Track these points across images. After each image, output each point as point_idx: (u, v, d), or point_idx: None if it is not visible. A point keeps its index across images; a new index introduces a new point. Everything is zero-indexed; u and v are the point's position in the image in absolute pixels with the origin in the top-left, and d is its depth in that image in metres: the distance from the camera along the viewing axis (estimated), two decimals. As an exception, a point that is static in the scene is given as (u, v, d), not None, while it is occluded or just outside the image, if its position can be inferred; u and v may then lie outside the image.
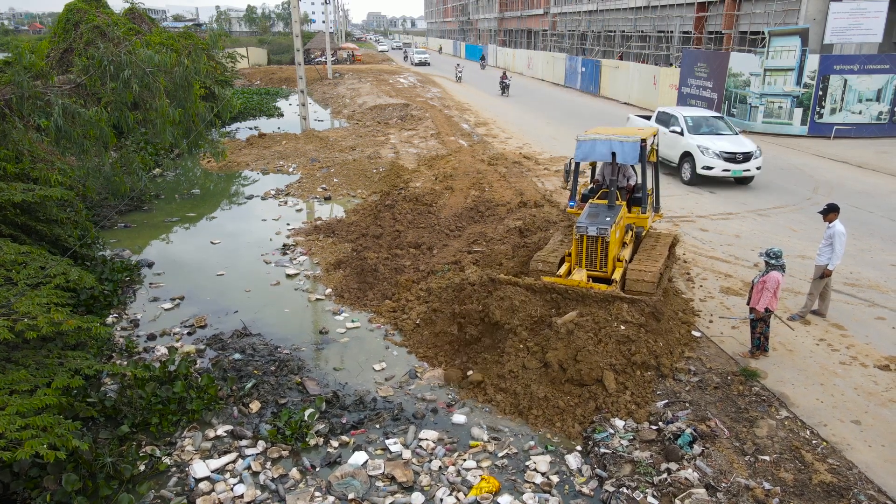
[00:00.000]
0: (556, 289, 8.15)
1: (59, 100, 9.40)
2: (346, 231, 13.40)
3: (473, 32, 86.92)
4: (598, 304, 7.91)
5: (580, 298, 8.02)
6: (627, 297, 7.96)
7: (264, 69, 56.50)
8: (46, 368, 5.96)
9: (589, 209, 9.11)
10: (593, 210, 9.05)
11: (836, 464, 6.02)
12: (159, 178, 19.08)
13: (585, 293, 8.02)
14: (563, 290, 8.12)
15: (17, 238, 8.95)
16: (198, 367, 8.12)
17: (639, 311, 7.80)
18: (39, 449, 4.72)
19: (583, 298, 8.01)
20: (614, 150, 9.10)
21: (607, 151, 9.15)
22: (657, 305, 7.92)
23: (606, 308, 7.87)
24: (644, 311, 7.82)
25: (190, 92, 11.29)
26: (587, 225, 8.55)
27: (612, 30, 42.39)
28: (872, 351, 8.05)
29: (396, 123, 27.59)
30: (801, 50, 21.52)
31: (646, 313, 7.81)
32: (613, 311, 7.80)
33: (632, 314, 7.74)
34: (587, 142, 9.34)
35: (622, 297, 7.92)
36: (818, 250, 8.74)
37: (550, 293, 8.17)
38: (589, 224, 8.56)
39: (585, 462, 6.38)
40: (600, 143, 9.21)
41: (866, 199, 14.63)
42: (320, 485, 6.04)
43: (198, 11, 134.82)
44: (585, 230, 8.53)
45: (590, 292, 8.03)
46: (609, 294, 7.99)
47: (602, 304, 7.91)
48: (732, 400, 7.09)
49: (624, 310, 7.78)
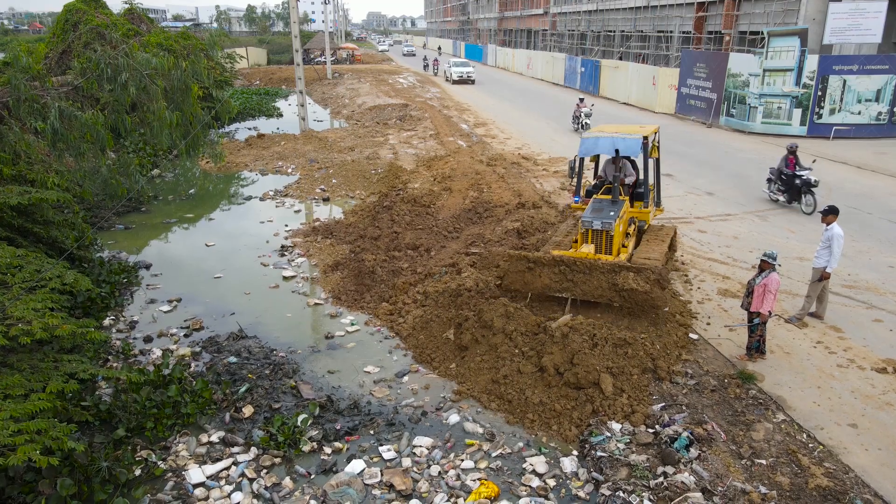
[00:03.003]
0: (565, 261, 8.35)
1: (55, 102, 9.39)
2: (344, 232, 13.39)
3: (473, 32, 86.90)
4: (605, 275, 8.15)
5: (588, 269, 8.22)
6: (633, 266, 8.17)
7: (264, 69, 56.46)
8: (41, 372, 5.94)
9: (593, 204, 9.39)
10: (598, 205, 9.32)
11: (832, 468, 6.01)
12: (157, 179, 19.06)
13: (593, 264, 8.24)
14: (572, 262, 8.31)
15: (14, 241, 8.93)
16: (192, 370, 8.11)
17: (644, 279, 7.95)
18: (32, 454, 4.71)
19: (590, 269, 8.22)
20: (617, 146, 9.43)
21: (611, 146, 9.50)
22: (662, 272, 8.11)
23: (611, 278, 8.11)
24: (650, 278, 7.96)
25: (188, 94, 11.31)
26: (592, 219, 8.86)
27: (612, 30, 42.35)
28: (870, 354, 8.04)
29: (395, 124, 27.57)
30: (800, 50, 21.49)
31: (651, 280, 7.95)
32: (619, 280, 8.00)
33: (637, 282, 7.91)
34: (591, 139, 9.69)
35: (628, 267, 8.14)
36: (816, 252, 8.73)
37: (559, 265, 8.37)
38: (594, 218, 8.86)
39: (582, 465, 6.36)
40: (603, 139, 9.58)
41: (865, 201, 14.61)
42: (315, 493, 6.00)
43: (197, 11, 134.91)
44: (591, 224, 8.84)
45: (597, 263, 8.26)
46: (615, 263, 8.22)
47: (608, 274, 8.14)
48: (729, 403, 7.08)
49: (630, 278, 7.96)
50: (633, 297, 8.05)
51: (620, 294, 8.12)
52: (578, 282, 8.30)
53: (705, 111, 25.72)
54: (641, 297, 7.99)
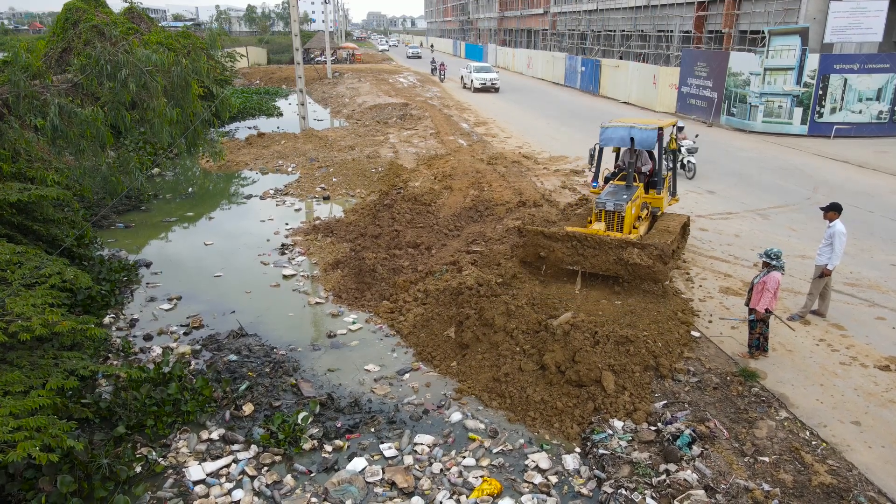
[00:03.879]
0: (577, 236, 9.25)
1: (55, 99, 9.36)
2: (344, 231, 13.36)
3: (473, 32, 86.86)
4: (613, 250, 8.99)
5: (597, 245, 9.11)
6: (638, 242, 8.99)
7: (264, 69, 56.45)
8: (41, 369, 5.91)
9: (609, 188, 10.31)
10: (613, 189, 10.22)
11: (835, 465, 5.98)
12: (158, 178, 19.04)
13: (602, 240, 9.11)
14: (583, 238, 9.20)
15: (13, 238, 8.90)
16: (192, 368, 8.08)
17: (647, 255, 8.77)
18: (32, 451, 4.68)
19: (599, 245, 9.10)
20: (633, 136, 10.14)
21: (627, 137, 10.22)
22: (664, 249, 8.83)
23: (618, 253, 8.94)
24: (652, 253, 8.77)
25: (188, 91, 11.27)
26: (606, 201, 9.73)
27: (612, 29, 42.33)
28: (872, 351, 8.01)
29: (396, 123, 27.55)
30: (800, 49, 21.47)
31: (653, 256, 8.76)
32: (625, 255, 8.85)
33: (641, 257, 8.76)
34: (610, 128, 10.48)
35: (633, 243, 8.99)
36: (818, 250, 8.70)
37: (572, 241, 9.25)
38: (608, 200, 9.73)
39: (584, 463, 6.33)
40: (621, 129, 10.33)
41: (866, 199, 14.59)
42: (317, 491, 5.98)
43: (198, 11, 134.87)
44: (604, 205, 9.71)
45: (606, 239, 9.10)
46: (623, 240, 9.06)
47: (616, 250, 8.97)
48: (732, 401, 7.05)
49: (634, 253, 8.81)
50: (636, 270, 8.87)
51: (626, 268, 8.92)
52: (588, 256, 9.15)
53: (706, 110, 25.70)
54: (644, 270, 8.80)
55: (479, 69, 39.16)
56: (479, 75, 38.12)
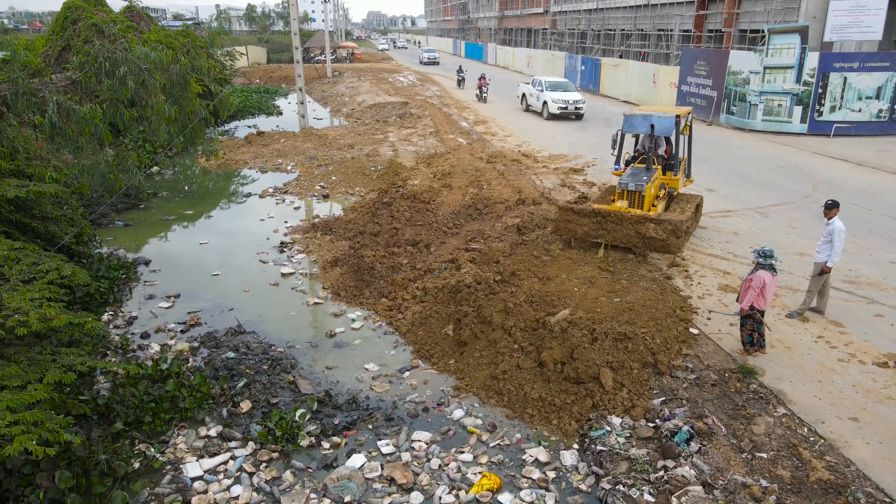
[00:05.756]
0: (601, 213, 10.32)
1: (53, 96, 9.36)
2: (343, 229, 13.35)
3: (473, 31, 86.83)
4: (632, 225, 10.08)
5: (619, 220, 10.19)
6: (654, 218, 10.08)
7: (263, 68, 56.42)
8: (38, 364, 5.91)
9: (630, 171, 11.33)
10: (633, 171, 11.26)
11: (833, 461, 5.98)
12: (157, 176, 19.03)
13: (622, 216, 10.19)
14: (607, 214, 10.28)
15: (11, 235, 8.89)
16: (190, 365, 8.07)
17: (662, 229, 9.86)
18: (29, 445, 4.68)
19: (620, 220, 10.18)
20: (653, 123, 11.16)
21: (648, 124, 11.26)
22: (677, 224, 9.89)
23: (636, 227, 10.01)
24: (667, 228, 9.84)
25: (186, 89, 11.27)
26: (628, 181, 10.74)
27: (612, 28, 42.31)
28: (871, 348, 8.01)
29: (395, 122, 27.53)
30: (800, 48, 21.45)
31: (668, 231, 9.84)
32: (643, 230, 9.92)
33: (657, 231, 9.85)
34: (631, 116, 11.54)
35: (650, 219, 10.09)
36: (817, 247, 8.68)
37: (597, 216, 10.34)
38: (629, 181, 10.74)
39: (582, 459, 6.33)
40: (642, 117, 11.38)
41: (866, 197, 14.58)
42: (316, 487, 5.98)
43: (197, 10, 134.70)
44: (626, 185, 10.72)
45: (626, 215, 10.18)
46: (642, 216, 10.13)
47: (635, 224, 10.04)
48: (730, 397, 7.04)
49: (651, 228, 9.90)
50: (652, 243, 10.00)
51: (643, 240, 10.03)
52: (610, 230, 10.26)
53: (706, 109, 25.67)
54: (659, 243, 9.92)
55: (553, 86, 26.27)
56: (558, 96, 25.48)
